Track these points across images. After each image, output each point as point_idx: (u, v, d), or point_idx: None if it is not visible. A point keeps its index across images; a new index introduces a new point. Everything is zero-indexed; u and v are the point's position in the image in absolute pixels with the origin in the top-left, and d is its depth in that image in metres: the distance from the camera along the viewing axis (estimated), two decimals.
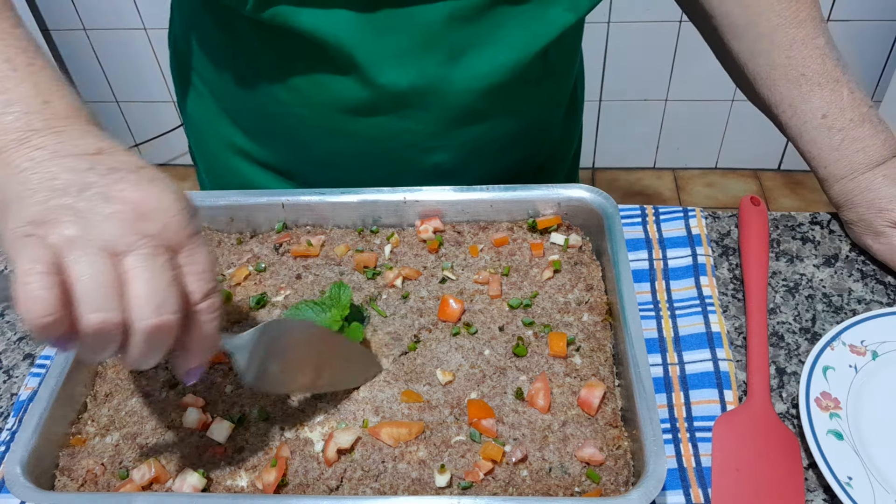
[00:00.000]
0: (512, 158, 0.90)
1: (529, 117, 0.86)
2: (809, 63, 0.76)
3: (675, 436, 0.65)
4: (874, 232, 0.76)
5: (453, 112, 0.79)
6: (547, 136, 0.93)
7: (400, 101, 0.77)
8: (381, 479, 0.60)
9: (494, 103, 0.79)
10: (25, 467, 0.59)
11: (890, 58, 2.28)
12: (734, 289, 0.78)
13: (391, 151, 0.83)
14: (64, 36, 2.41)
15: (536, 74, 0.80)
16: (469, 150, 0.84)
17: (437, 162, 0.84)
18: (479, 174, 0.88)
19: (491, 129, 0.83)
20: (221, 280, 0.77)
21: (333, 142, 0.83)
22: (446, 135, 0.81)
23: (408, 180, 0.82)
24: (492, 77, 0.76)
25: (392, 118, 0.79)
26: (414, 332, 0.71)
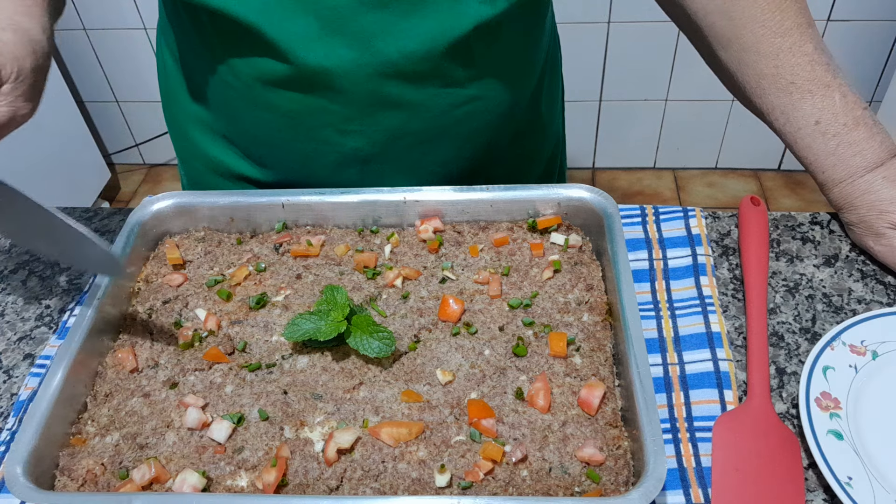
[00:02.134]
0: (439, 156, 0.89)
1: (454, 116, 0.84)
2: (798, 71, 0.76)
3: (675, 436, 0.65)
4: (875, 233, 0.76)
5: (364, 95, 0.79)
6: (484, 139, 0.90)
7: (312, 80, 0.78)
8: (381, 479, 0.60)
9: (408, 93, 0.79)
10: (25, 467, 0.59)
11: (890, 58, 2.28)
12: (734, 289, 0.78)
13: (310, 129, 0.84)
14: (64, 36, 2.41)
15: (456, 69, 0.79)
16: (387, 139, 0.84)
17: (355, 146, 0.85)
18: (403, 165, 0.88)
19: (408, 119, 0.82)
20: (221, 280, 0.77)
21: (258, 113, 0.84)
22: (361, 119, 0.82)
23: (327, 162, 0.85)
24: (400, 65, 0.76)
25: (308, 96, 0.80)
26: (414, 332, 0.71)
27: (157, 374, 0.69)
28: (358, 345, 0.67)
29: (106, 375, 0.69)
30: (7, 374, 0.76)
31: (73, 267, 0.70)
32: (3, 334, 0.80)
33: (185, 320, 0.74)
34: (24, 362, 0.77)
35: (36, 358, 0.77)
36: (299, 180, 0.91)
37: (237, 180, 0.97)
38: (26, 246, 0.64)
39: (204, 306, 0.75)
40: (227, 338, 0.71)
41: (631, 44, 2.25)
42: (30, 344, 0.79)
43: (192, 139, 0.96)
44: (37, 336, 0.79)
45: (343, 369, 0.68)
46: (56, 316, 0.81)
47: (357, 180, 0.88)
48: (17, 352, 0.78)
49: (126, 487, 0.60)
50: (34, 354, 0.77)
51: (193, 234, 0.82)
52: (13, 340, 0.79)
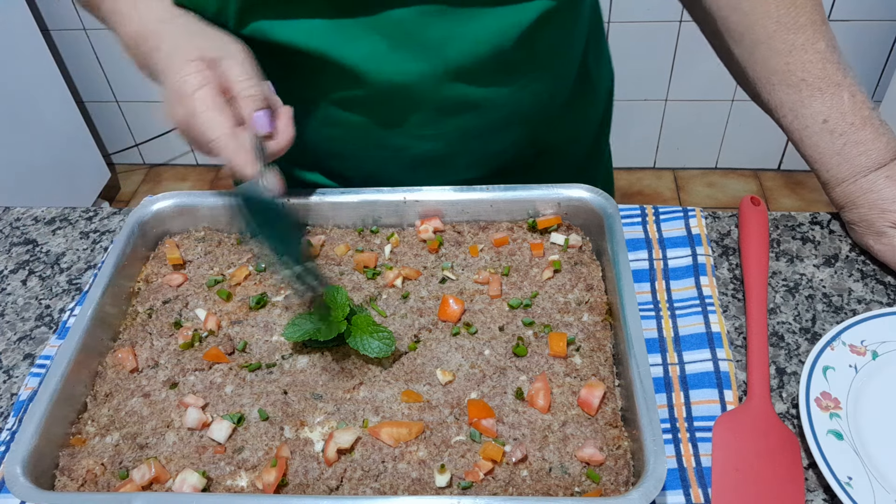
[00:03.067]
0: (505, 141, 0.89)
1: (516, 101, 0.84)
2: (809, 68, 0.76)
3: (675, 436, 0.65)
4: (876, 232, 0.76)
5: (435, 102, 0.79)
6: (542, 115, 0.89)
7: (383, 96, 0.77)
8: (381, 479, 0.60)
9: (477, 92, 0.79)
10: (25, 467, 0.59)
11: (890, 58, 2.28)
12: (734, 289, 0.78)
13: (382, 139, 0.83)
14: (64, 36, 2.41)
15: (519, 59, 0.79)
16: (458, 138, 0.84)
17: (428, 149, 0.85)
18: (472, 159, 0.88)
19: (477, 116, 0.82)
20: (221, 280, 0.77)
21: (330, 131, 0.84)
22: (432, 124, 0.82)
23: (401, 166, 0.84)
24: (470, 67, 0.76)
25: (379, 111, 0.80)
26: (414, 332, 0.71)
27: (157, 374, 0.69)
28: (358, 345, 0.67)
29: (106, 375, 0.69)
30: (7, 374, 0.76)
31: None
32: (3, 334, 0.80)
33: (185, 320, 0.74)
34: (24, 362, 0.77)
35: (36, 358, 0.77)
36: (370, 184, 0.90)
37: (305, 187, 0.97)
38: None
39: (204, 306, 0.75)
40: (227, 338, 0.71)
41: (631, 44, 2.25)
42: (30, 344, 0.79)
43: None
44: (37, 336, 0.79)
45: (343, 369, 0.68)
46: (56, 316, 0.81)
47: (429, 177, 0.87)
48: (17, 352, 0.78)
49: (126, 487, 0.60)
50: (34, 354, 0.77)
51: (193, 234, 0.82)
52: (13, 340, 0.79)
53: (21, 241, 0.91)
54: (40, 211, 0.95)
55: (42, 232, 0.92)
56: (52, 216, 0.94)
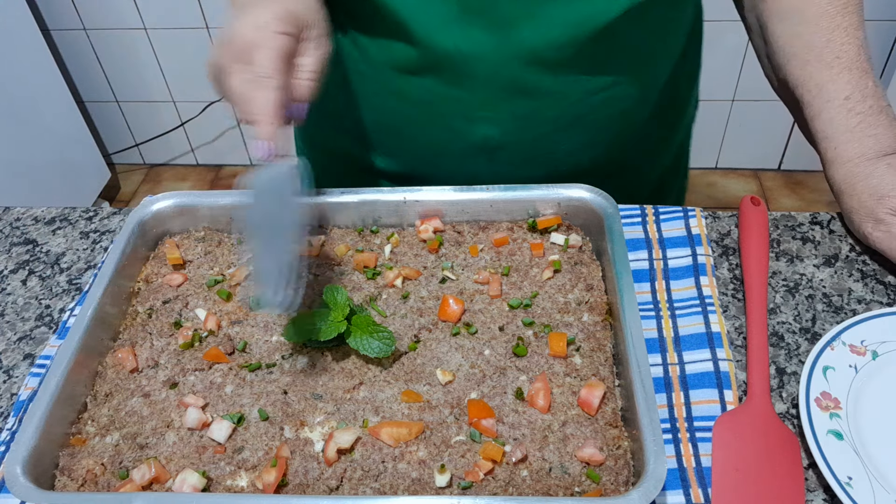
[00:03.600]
0: (571, 145, 0.87)
1: (589, 103, 0.83)
2: (847, 49, 0.78)
3: (675, 436, 0.65)
4: (874, 219, 0.76)
5: (499, 82, 0.78)
6: (618, 126, 0.88)
7: (446, 64, 0.77)
8: (381, 479, 0.60)
9: (545, 80, 0.78)
10: (25, 467, 0.59)
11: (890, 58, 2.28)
12: (734, 289, 0.78)
13: (439, 117, 0.83)
14: (64, 36, 2.41)
15: (598, 56, 0.78)
16: (518, 128, 0.83)
17: (485, 135, 0.84)
18: (532, 155, 0.86)
19: (541, 107, 0.81)
20: (221, 280, 0.77)
21: (389, 101, 0.84)
22: (493, 106, 0.81)
23: (455, 151, 0.83)
24: (541, 52, 0.75)
25: (440, 82, 0.79)
26: (414, 332, 0.71)
27: (157, 374, 0.69)
28: (358, 345, 0.67)
29: (106, 375, 0.69)
30: (7, 374, 0.76)
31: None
32: (3, 334, 0.80)
33: (185, 320, 0.74)
34: (24, 362, 0.77)
35: (36, 358, 0.77)
36: (426, 171, 0.90)
37: (363, 173, 0.96)
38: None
39: (204, 306, 0.75)
40: (227, 338, 0.71)
41: None
42: (30, 344, 0.79)
43: (321, 134, 0.96)
44: (37, 336, 0.79)
45: (343, 369, 0.68)
46: (56, 316, 0.81)
47: (484, 171, 0.87)
48: (17, 352, 0.78)
49: (126, 487, 0.60)
50: (34, 354, 0.77)
51: (193, 234, 0.82)
52: (13, 340, 0.79)
53: (21, 241, 0.91)
54: (40, 211, 0.95)
55: (42, 232, 0.92)
56: (52, 216, 0.94)
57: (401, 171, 0.93)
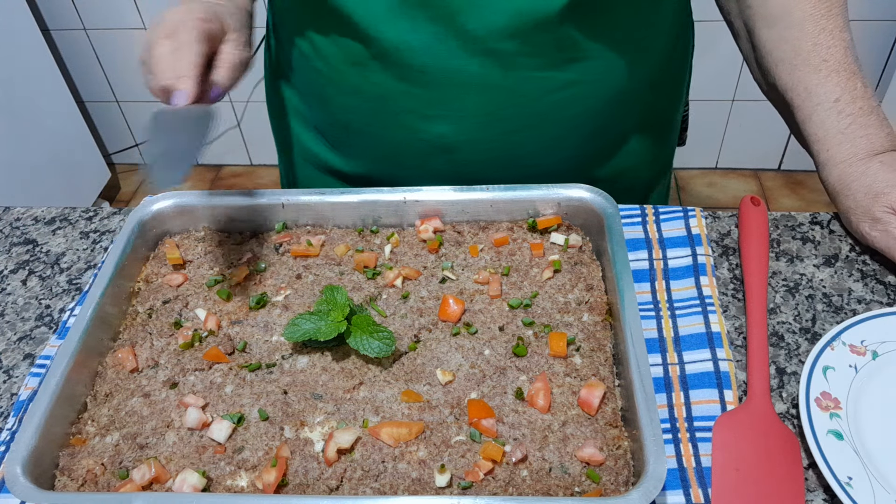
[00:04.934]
0: (533, 148, 0.85)
1: (548, 102, 0.81)
2: (833, 52, 0.78)
3: (675, 436, 0.65)
4: (872, 218, 0.76)
5: (449, 76, 0.78)
6: (586, 131, 0.85)
7: (394, 57, 0.77)
8: (381, 479, 0.60)
9: (494, 74, 0.77)
10: (25, 467, 0.59)
11: (890, 58, 2.28)
12: (734, 289, 0.78)
13: (394, 115, 0.83)
14: (64, 36, 2.41)
15: (549, 50, 0.77)
16: (473, 126, 0.82)
17: (439, 133, 0.83)
18: (492, 156, 0.85)
19: (495, 104, 0.80)
20: (221, 280, 0.77)
21: (346, 99, 0.85)
22: (444, 103, 0.80)
23: (414, 152, 0.83)
24: (485, 41, 0.74)
25: (391, 77, 0.79)
26: (414, 332, 0.71)
27: (157, 374, 0.69)
28: (358, 345, 0.67)
29: (106, 375, 0.69)
30: (7, 374, 0.76)
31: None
32: (3, 334, 0.80)
33: (185, 320, 0.74)
34: (24, 362, 0.77)
35: (36, 358, 0.77)
36: (386, 172, 0.90)
37: (327, 173, 0.97)
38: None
39: (204, 306, 0.75)
40: (227, 338, 0.71)
41: None
42: (30, 344, 0.79)
43: (290, 129, 0.98)
44: (37, 336, 0.79)
45: (343, 369, 0.68)
46: (56, 316, 0.81)
47: (446, 172, 0.86)
48: (17, 352, 0.78)
49: (126, 487, 0.60)
50: (34, 354, 0.77)
51: (193, 234, 0.82)
52: (13, 340, 0.79)
53: (21, 241, 0.91)
54: (40, 211, 0.95)
55: (42, 232, 0.92)
56: (52, 216, 0.94)
57: (360, 172, 0.93)
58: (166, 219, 0.81)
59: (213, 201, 0.81)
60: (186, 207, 0.81)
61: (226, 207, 0.81)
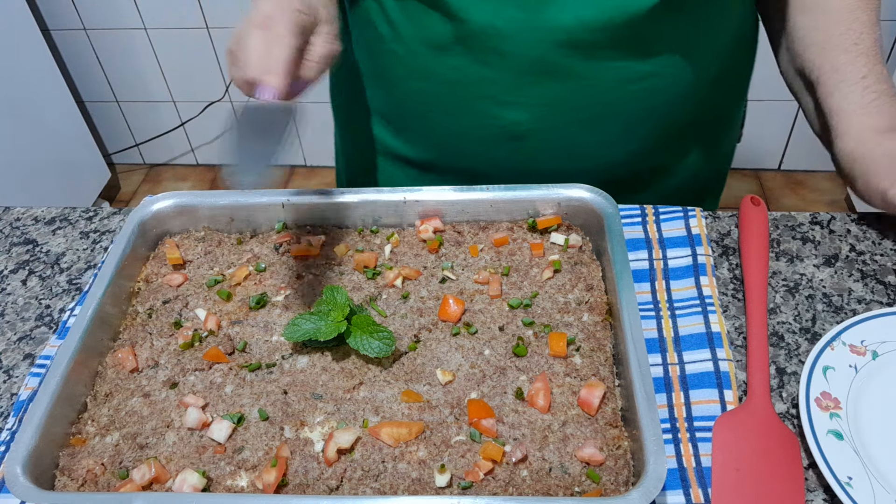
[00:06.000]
0: (602, 137, 0.85)
1: (623, 93, 0.81)
2: (864, 38, 0.80)
3: (675, 436, 0.65)
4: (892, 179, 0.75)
5: (530, 63, 0.78)
6: (655, 123, 0.86)
7: (478, 41, 0.77)
8: (381, 479, 0.60)
9: (577, 63, 0.77)
10: (25, 467, 0.59)
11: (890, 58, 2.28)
12: (734, 289, 0.78)
13: (466, 100, 0.83)
14: (64, 36, 2.41)
15: (633, 42, 0.77)
16: (547, 114, 0.82)
17: (513, 120, 0.83)
18: (561, 144, 0.85)
19: (572, 92, 0.80)
20: (221, 280, 0.77)
21: (419, 84, 0.84)
22: (522, 89, 0.80)
23: (482, 137, 0.83)
24: (574, 32, 0.75)
25: (470, 60, 0.79)
26: (414, 332, 0.71)
27: (157, 374, 0.69)
28: (358, 345, 0.67)
29: (106, 375, 0.69)
30: (7, 374, 0.76)
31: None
32: (3, 334, 0.80)
33: (185, 320, 0.74)
34: (24, 362, 0.77)
35: (36, 358, 0.77)
36: (451, 159, 0.90)
37: (394, 159, 0.97)
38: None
39: (204, 306, 0.75)
40: (227, 338, 0.71)
41: None
42: (30, 344, 0.79)
43: (356, 117, 0.98)
44: (37, 336, 0.79)
45: (343, 369, 0.68)
46: (56, 316, 0.81)
47: (510, 159, 0.86)
48: (17, 352, 0.78)
49: (126, 487, 0.60)
50: (34, 354, 0.77)
51: (193, 234, 0.82)
52: (13, 340, 0.79)
53: (21, 241, 0.91)
54: (40, 211, 0.95)
55: (42, 232, 0.92)
56: (52, 216, 0.94)
57: (425, 158, 0.93)
58: (166, 219, 0.81)
59: (213, 201, 0.81)
60: (186, 207, 0.81)
61: (226, 207, 0.81)
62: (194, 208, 0.81)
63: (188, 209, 0.81)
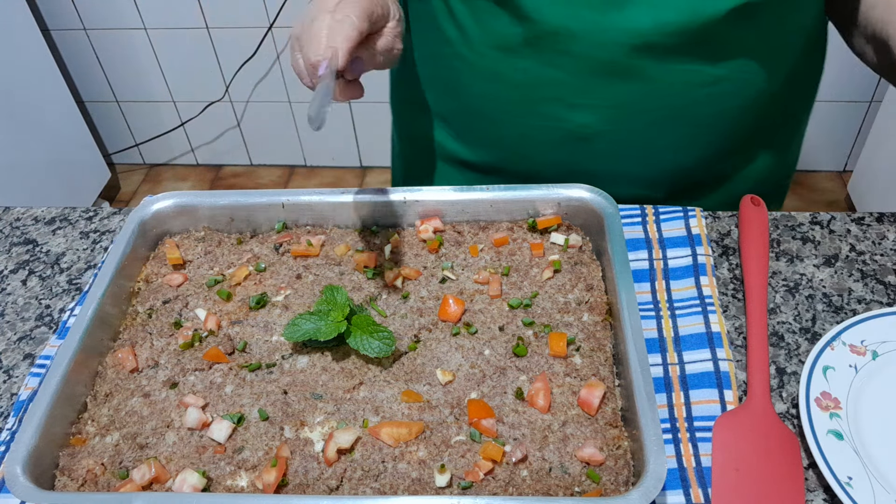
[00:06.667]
0: (672, 141, 0.84)
1: (695, 96, 0.81)
2: None
3: (675, 436, 0.65)
4: None
5: (602, 66, 0.77)
6: (725, 127, 0.85)
7: (550, 42, 0.76)
8: (381, 479, 0.60)
9: (650, 66, 0.77)
10: (25, 467, 0.59)
11: None
12: (734, 289, 0.78)
13: (534, 102, 0.82)
14: (64, 36, 2.41)
15: (709, 46, 0.76)
16: (617, 116, 0.81)
17: (582, 123, 0.82)
18: (629, 148, 0.84)
19: (643, 95, 0.79)
20: (221, 280, 0.77)
21: (485, 85, 0.84)
22: (593, 92, 0.80)
23: (547, 140, 0.83)
24: (650, 36, 0.74)
25: (540, 62, 0.79)
26: (414, 332, 0.71)
27: (157, 374, 0.69)
28: (358, 345, 0.67)
29: (106, 375, 0.69)
30: (7, 374, 0.76)
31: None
32: (3, 334, 0.80)
33: (185, 320, 0.74)
34: (24, 362, 0.77)
35: (36, 358, 0.77)
36: (514, 162, 0.90)
37: (453, 162, 0.96)
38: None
39: (204, 306, 0.75)
40: (227, 338, 0.71)
41: None
42: (30, 344, 0.79)
43: (415, 121, 0.97)
44: (37, 336, 0.79)
45: (343, 369, 0.68)
46: (56, 316, 0.81)
47: (575, 161, 0.86)
48: (17, 352, 0.78)
49: (126, 487, 0.60)
50: (34, 354, 0.77)
51: (193, 234, 0.82)
52: (13, 340, 0.79)
53: (21, 241, 0.91)
54: (40, 211, 0.95)
55: (42, 232, 0.92)
56: (52, 216, 0.94)
57: (486, 161, 0.92)
58: (166, 219, 0.81)
59: (213, 201, 0.81)
60: (186, 207, 0.81)
61: (226, 207, 0.81)
62: (194, 208, 0.81)
63: (188, 209, 0.81)
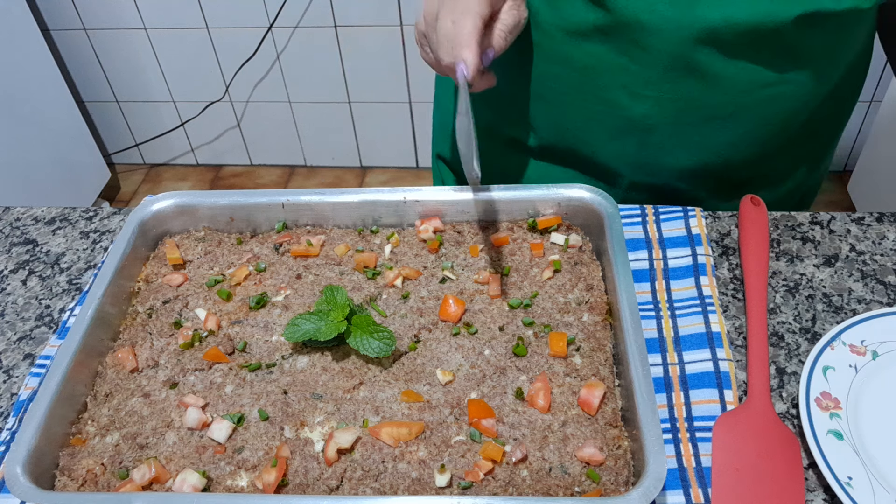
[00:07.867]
0: (727, 137, 0.85)
1: (756, 95, 0.81)
2: None
3: (675, 436, 0.65)
4: None
5: (670, 60, 0.77)
6: (778, 127, 0.86)
7: (622, 32, 0.77)
8: (381, 479, 0.60)
9: (717, 63, 0.77)
10: (25, 467, 0.59)
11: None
12: (734, 289, 0.78)
13: (599, 88, 0.83)
14: (64, 36, 2.41)
15: (775, 47, 0.77)
16: (679, 109, 0.82)
17: (643, 113, 0.83)
18: (685, 141, 0.85)
19: (706, 90, 0.80)
20: (221, 280, 0.77)
21: (550, 68, 0.84)
22: (658, 84, 0.80)
23: (607, 128, 0.84)
24: (720, 33, 0.74)
25: (610, 49, 0.79)
26: (414, 332, 0.71)
27: (157, 374, 0.69)
28: (358, 345, 0.67)
29: (106, 375, 0.69)
30: (7, 374, 0.76)
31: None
32: (3, 334, 0.80)
33: (185, 320, 0.74)
34: (24, 362, 0.77)
35: (36, 358, 0.77)
36: (571, 145, 0.90)
37: (506, 144, 0.96)
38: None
39: (204, 306, 0.75)
40: (227, 338, 0.71)
41: None
42: (30, 344, 0.79)
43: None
44: (37, 336, 0.79)
45: (343, 369, 0.68)
46: (56, 316, 0.81)
47: (631, 151, 0.86)
48: (17, 352, 0.78)
49: (126, 487, 0.60)
50: (34, 354, 0.77)
51: (193, 234, 0.82)
52: (13, 340, 0.79)
53: (21, 241, 0.91)
54: (40, 211, 0.95)
55: (42, 232, 0.92)
56: (52, 216, 0.94)
57: (541, 144, 0.92)
58: (166, 219, 0.81)
59: (213, 201, 0.81)
60: (186, 207, 0.81)
61: (226, 207, 0.81)
62: (194, 208, 0.81)
63: (188, 209, 0.81)
